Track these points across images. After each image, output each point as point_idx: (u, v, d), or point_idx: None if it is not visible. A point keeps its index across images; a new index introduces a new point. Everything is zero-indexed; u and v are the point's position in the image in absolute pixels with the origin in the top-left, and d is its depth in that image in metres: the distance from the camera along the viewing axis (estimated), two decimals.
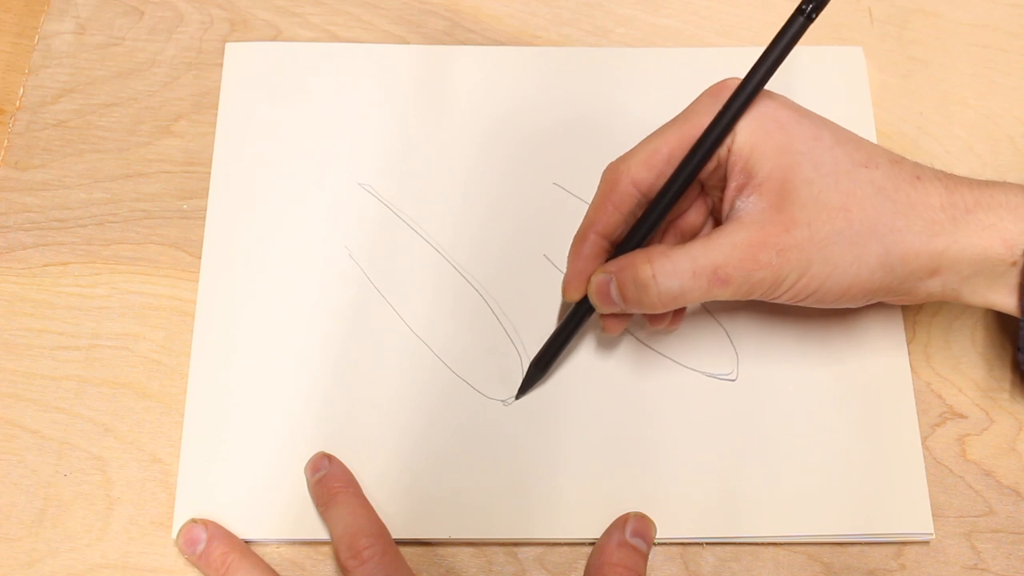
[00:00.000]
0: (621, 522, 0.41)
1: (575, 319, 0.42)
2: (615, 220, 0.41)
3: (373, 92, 0.49)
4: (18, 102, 0.49)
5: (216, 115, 0.48)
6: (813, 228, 0.37)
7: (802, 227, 0.37)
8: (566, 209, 0.46)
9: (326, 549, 0.41)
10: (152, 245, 0.46)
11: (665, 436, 0.42)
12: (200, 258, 0.45)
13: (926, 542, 0.41)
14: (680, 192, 0.39)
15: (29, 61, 0.49)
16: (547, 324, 0.44)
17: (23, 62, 0.50)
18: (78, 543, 0.41)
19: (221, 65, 0.49)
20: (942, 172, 0.39)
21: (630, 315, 0.42)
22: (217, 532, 0.40)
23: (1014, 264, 0.38)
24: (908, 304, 0.43)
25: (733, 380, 0.44)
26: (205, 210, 0.46)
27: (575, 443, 0.42)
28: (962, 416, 0.44)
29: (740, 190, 0.39)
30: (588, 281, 0.41)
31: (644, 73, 0.49)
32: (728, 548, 0.41)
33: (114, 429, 0.42)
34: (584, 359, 0.44)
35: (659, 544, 0.41)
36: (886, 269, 0.38)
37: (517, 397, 0.43)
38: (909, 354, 0.44)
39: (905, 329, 0.44)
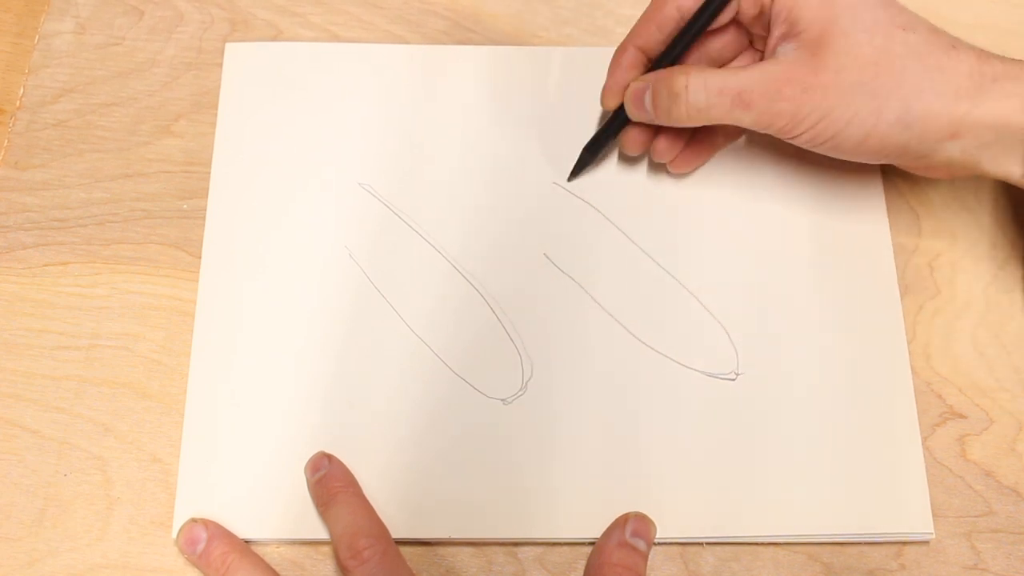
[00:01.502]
0: (621, 522, 0.41)
1: (611, 128, 0.45)
2: (656, 38, 0.43)
3: (373, 92, 0.49)
4: (18, 102, 0.49)
5: (216, 115, 0.48)
6: (840, 75, 0.39)
7: (830, 72, 0.39)
8: (566, 209, 0.46)
9: (326, 549, 0.41)
10: (152, 245, 0.46)
11: (665, 436, 0.42)
12: (200, 258, 0.45)
13: (926, 542, 0.41)
14: (713, 13, 0.42)
15: (29, 61, 0.49)
16: (547, 324, 0.44)
17: (23, 62, 0.50)
18: (78, 543, 0.41)
19: (221, 65, 0.49)
20: (978, 47, 0.40)
21: (651, 134, 0.45)
22: (217, 532, 0.40)
23: None
24: (928, 176, 0.44)
25: (733, 380, 0.44)
26: (205, 210, 0.46)
27: (575, 443, 0.42)
28: (962, 416, 0.44)
29: (783, 38, 0.41)
30: (625, 90, 0.44)
31: None
32: (728, 548, 0.41)
33: (114, 429, 0.42)
34: (584, 359, 0.44)
35: (659, 544, 0.41)
36: (904, 125, 0.39)
37: (569, 179, 0.47)
38: (909, 354, 0.44)
39: (905, 329, 0.44)
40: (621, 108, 0.44)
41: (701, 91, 0.40)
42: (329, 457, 0.41)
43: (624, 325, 0.44)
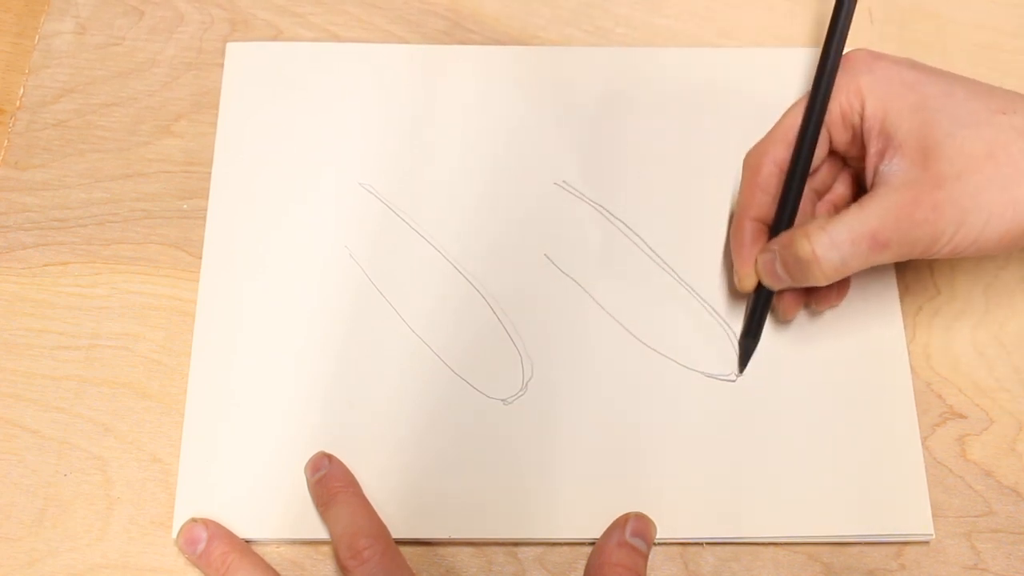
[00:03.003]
0: (621, 522, 0.41)
1: (760, 303, 0.43)
2: (765, 202, 0.42)
3: (373, 92, 0.49)
4: (18, 102, 0.49)
5: (216, 115, 0.48)
6: (963, 179, 0.37)
7: (952, 180, 0.37)
8: (567, 209, 0.46)
9: (326, 549, 0.41)
10: (152, 245, 0.46)
11: (665, 436, 0.42)
12: (200, 258, 0.45)
13: (926, 542, 0.41)
14: (809, 152, 0.41)
15: (29, 61, 0.49)
16: (547, 324, 0.44)
17: (23, 62, 0.50)
18: (78, 543, 0.41)
19: (221, 65, 0.49)
20: None
21: (803, 295, 0.43)
22: (217, 532, 0.40)
23: None
24: None
25: (733, 380, 0.44)
26: (205, 210, 0.46)
27: (575, 443, 0.42)
28: (962, 416, 0.44)
29: (881, 155, 0.40)
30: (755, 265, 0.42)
31: (644, 73, 0.49)
32: (728, 548, 0.41)
33: (114, 429, 0.42)
34: (585, 359, 0.44)
35: (659, 544, 0.41)
36: None
37: (740, 372, 0.43)
38: (909, 354, 0.44)
39: (905, 329, 0.44)
40: (759, 288, 0.43)
41: (831, 249, 0.38)
42: (329, 457, 0.41)
43: (624, 325, 0.44)
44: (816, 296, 0.43)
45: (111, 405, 0.43)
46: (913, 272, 0.46)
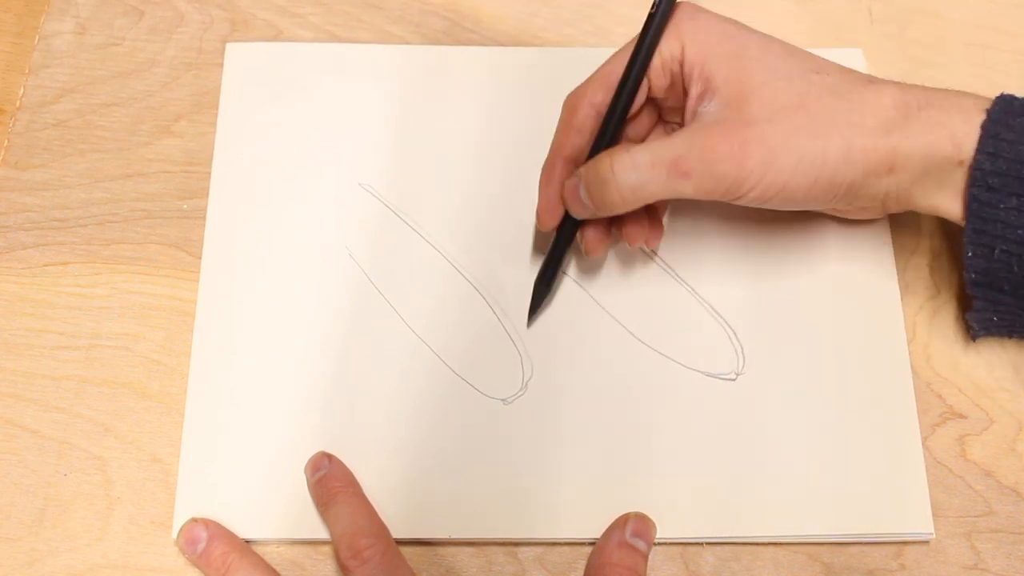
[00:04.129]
0: (621, 522, 0.41)
1: (562, 239, 0.43)
2: (579, 143, 0.42)
3: (373, 92, 0.49)
4: (18, 102, 0.49)
5: (216, 115, 0.48)
6: (774, 123, 0.38)
7: (763, 122, 0.38)
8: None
9: (326, 549, 0.41)
10: (152, 245, 0.46)
11: (665, 436, 0.42)
12: (200, 258, 0.45)
13: (926, 542, 0.41)
14: (630, 94, 0.41)
15: (29, 61, 0.49)
16: (547, 324, 0.44)
17: (23, 62, 0.50)
18: (78, 543, 0.41)
19: (221, 65, 0.49)
20: (894, 80, 0.40)
21: (607, 231, 0.42)
22: (217, 532, 0.40)
23: (960, 164, 0.38)
24: (865, 216, 0.44)
25: (733, 380, 0.44)
26: (205, 210, 0.46)
27: (575, 443, 0.42)
28: (962, 416, 0.44)
29: (700, 99, 0.40)
30: (560, 207, 0.42)
31: None
32: (728, 548, 0.41)
33: (114, 429, 0.42)
34: (584, 359, 0.44)
35: (659, 544, 0.41)
36: (848, 162, 0.38)
37: (529, 323, 0.44)
38: (909, 354, 0.44)
39: (905, 329, 0.44)
40: (562, 225, 0.42)
41: (630, 170, 0.38)
42: (329, 457, 0.41)
43: (624, 325, 0.44)
44: (627, 233, 0.42)
45: (111, 405, 0.43)
46: (913, 272, 0.46)
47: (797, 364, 0.44)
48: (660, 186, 0.38)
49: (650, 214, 0.43)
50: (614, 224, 0.43)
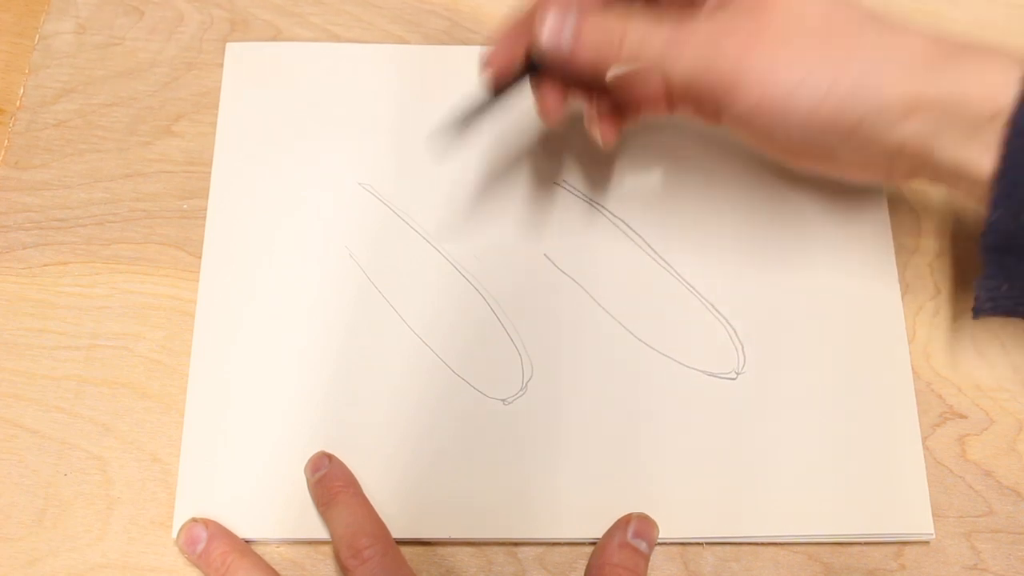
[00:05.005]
0: (623, 522, 0.41)
1: (505, 82, 0.39)
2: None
3: (373, 92, 0.49)
4: (18, 102, 0.49)
5: (216, 115, 0.48)
6: (787, 35, 0.35)
7: (776, 31, 0.35)
8: (566, 209, 0.46)
9: (326, 549, 0.41)
10: (152, 245, 0.46)
11: (665, 436, 0.42)
12: (200, 258, 0.45)
13: (926, 542, 0.41)
14: None
15: (29, 61, 0.49)
16: (547, 324, 0.44)
17: (23, 62, 0.50)
18: (78, 543, 0.41)
19: (221, 65, 0.49)
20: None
21: (563, 95, 0.39)
22: (217, 531, 0.40)
23: (993, 117, 0.34)
24: (873, 170, 0.39)
25: (734, 379, 0.44)
26: (205, 210, 0.46)
27: (575, 443, 0.42)
28: (962, 416, 0.44)
29: (718, 6, 0.37)
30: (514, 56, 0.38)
31: None
32: (728, 548, 0.41)
33: (114, 429, 0.42)
34: (584, 359, 0.44)
35: (659, 544, 0.41)
36: (858, 98, 0.35)
37: (459, 125, 0.40)
38: (909, 354, 0.44)
39: (905, 329, 0.44)
40: (510, 75, 0.39)
41: (637, 31, 0.35)
42: (329, 457, 0.41)
43: (624, 325, 0.44)
44: (581, 95, 0.40)
45: (111, 405, 0.43)
46: (913, 272, 0.46)
47: (797, 364, 0.44)
48: (654, 51, 0.36)
49: (616, 111, 0.41)
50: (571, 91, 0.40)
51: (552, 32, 0.37)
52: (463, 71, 0.49)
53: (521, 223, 0.46)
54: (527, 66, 0.38)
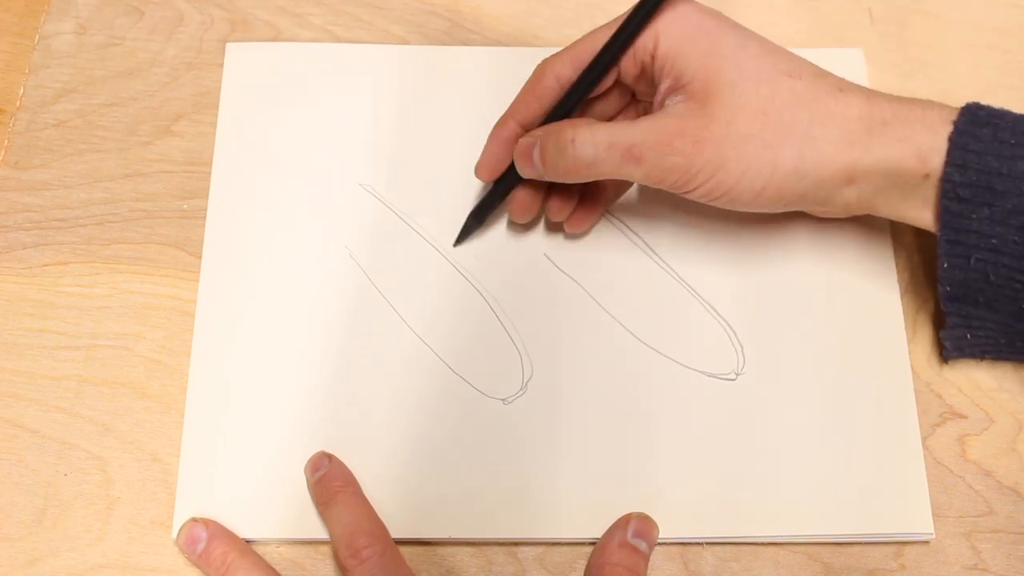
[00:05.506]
0: (623, 522, 0.41)
1: (499, 191, 0.44)
2: (535, 110, 0.43)
3: (373, 92, 0.49)
4: (18, 102, 0.49)
5: (216, 115, 0.48)
6: (731, 127, 0.38)
7: (721, 124, 0.38)
8: None
9: (326, 548, 0.41)
10: (152, 245, 0.46)
11: (665, 436, 0.42)
12: (200, 258, 0.45)
13: (926, 542, 0.41)
14: (593, 81, 0.41)
15: (29, 61, 0.49)
16: (547, 323, 0.44)
17: (23, 62, 0.50)
18: (78, 543, 0.41)
19: (221, 65, 0.49)
20: (866, 88, 0.40)
21: (539, 199, 0.44)
22: (217, 531, 0.40)
23: (926, 177, 0.38)
24: (830, 216, 0.44)
25: (733, 380, 0.44)
26: (205, 210, 0.46)
27: (575, 443, 0.42)
28: (962, 416, 0.44)
29: (669, 91, 0.40)
30: (501, 165, 0.43)
31: None
32: (728, 548, 0.41)
33: (114, 429, 0.42)
34: (584, 358, 0.44)
35: (659, 544, 0.41)
36: (799, 175, 0.38)
37: (454, 244, 0.46)
38: (909, 354, 0.44)
39: (905, 329, 0.44)
40: (502, 177, 0.44)
41: (589, 145, 0.39)
42: (329, 457, 0.41)
43: (624, 325, 0.44)
44: (552, 205, 0.44)
45: (111, 405, 0.43)
46: (913, 272, 0.46)
47: (797, 364, 0.44)
48: (612, 166, 0.39)
49: (588, 199, 0.45)
50: (547, 193, 0.44)
51: (524, 158, 0.42)
52: (463, 72, 0.49)
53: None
54: (512, 175, 0.43)
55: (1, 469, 0.42)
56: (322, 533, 0.41)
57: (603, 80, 0.42)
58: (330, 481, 0.41)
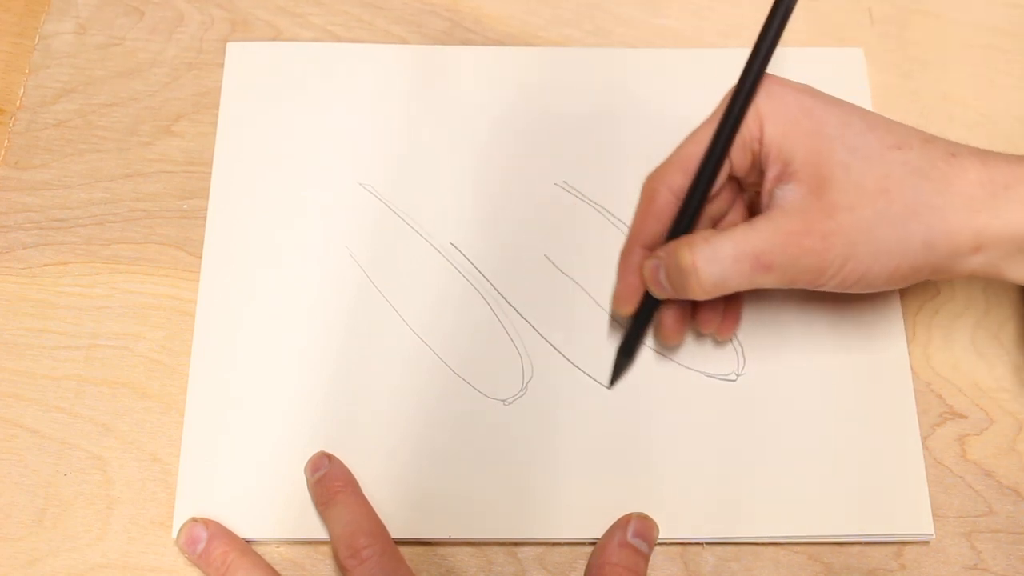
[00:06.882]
0: (623, 522, 0.41)
1: (642, 316, 0.42)
2: (657, 230, 0.41)
3: (373, 92, 0.49)
4: (18, 102, 0.49)
5: (216, 115, 0.48)
6: (856, 212, 0.37)
7: (844, 211, 0.37)
8: (567, 209, 0.46)
9: (326, 548, 0.41)
10: (152, 245, 0.46)
11: (665, 436, 0.42)
12: (200, 258, 0.45)
13: (926, 542, 0.41)
14: (709, 180, 0.40)
15: (29, 61, 0.49)
16: (547, 323, 0.44)
17: (23, 62, 0.50)
18: (78, 543, 0.41)
19: (221, 65, 0.49)
20: (977, 148, 0.39)
21: (686, 317, 0.42)
22: (218, 531, 0.40)
23: None
24: (950, 279, 0.43)
25: (733, 380, 0.44)
26: (205, 210, 0.46)
27: (575, 443, 0.42)
28: (962, 416, 0.44)
29: (778, 180, 0.39)
30: (637, 293, 0.42)
31: (644, 73, 0.49)
32: (728, 548, 0.41)
33: (114, 429, 0.42)
34: (584, 358, 0.44)
35: (659, 544, 0.41)
36: (929, 248, 0.37)
37: (609, 385, 0.43)
38: (909, 354, 0.44)
39: (905, 329, 0.44)
40: (641, 308, 0.42)
41: (712, 263, 0.37)
42: (329, 457, 0.41)
43: (624, 325, 0.44)
44: (700, 319, 0.43)
45: (111, 405, 0.43)
46: None
47: (797, 364, 0.44)
48: (743, 279, 0.38)
49: (728, 303, 0.43)
50: (693, 306, 0.43)
51: (654, 283, 0.40)
52: (463, 72, 0.49)
53: (521, 223, 0.46)
54: (651, 299, 0.42)
55: (1, 469, 0.42)
56: (322, 533, 0.41)
57: (716, 178, 0.40)
58: (330, 481, 0.41)
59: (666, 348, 0.44)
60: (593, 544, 0.41)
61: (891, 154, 0.38)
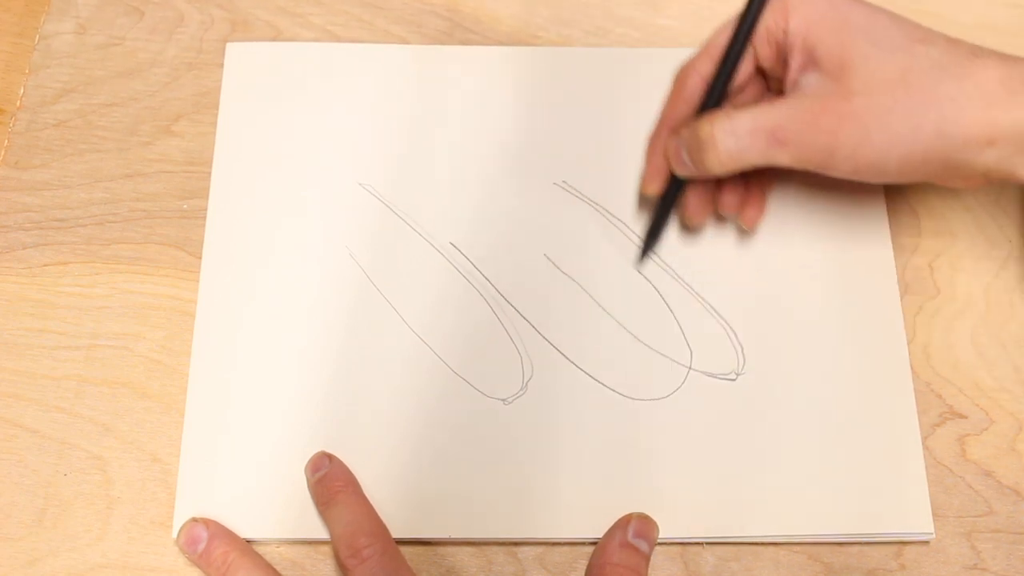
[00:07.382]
0: (624, 522, 0.41)
1: (667, 201, 0.44)
2: (685, 112, 0.43)
3: (373, 92, 0.49)
4: (18, 102, 0.49)
5: (216, 115, 0.48)
6: (873, 98, 0.38)
7: (862, 96, 0.38)
8: (567, 209, 0.47)
9: (326, 548, 0.41)
10: (152, 245, 0.46)
11: (665, 436, 0.42)
12: (200, 258, 0.45)
13: (926, 542, 0.41)
14: (735, 62, 0.41)
15: (29, 61, 0.49)
16: (547, 323, 0.44)
17: (23, 62, 0.50)
18: (78, 543, 0.41)
19: (221, 65, 0.49)
20: (1001, 52, 0.39)
21: (710, 200, 0.44)
22: (218, 531, 0.40)
23: None
24: (963, 187, 0.43)
25: (733, 380, 0.44)
26: (205, 210, 0.46)
27: (575, 443, 0.42)
28: (962, 416, 0.44)
29: (802, 69, 0.40)
30: (662, 174, 0.43)
31: (644, 73, 0.49)
32: (728, 548, 0.41)
33: (114, 429, 0.42)
34: (584, 357, 0.44)
35: (659, 544, 0.41)
36: (943, 138, 0.38)
37: (641, 260, 0.45)
38: (909, 354, 0.44)
39: (905, 329, 0.44)
40: (666, 191, 0.44)
41: (730, 135, 0.39)
42: (330, 457, 0.41)
43: (624, 325, 0.44)
44: (722, 201, 0.44)
45: (111, 405, 0.43)
46: (913, 272, 0.46)
47: (797, 364, 0.44)
48: (758, 153, 0.39)
49: (752, 188, 0.44)
50: (717, 191, 0.44)
51: (676, 160, 0.42)
52: (463, 72, 0.49)
53: (521, 223, 0.46)
54: (675, 181, 0.43)
55: (1, 469, 0.42)
56: (322, 533, 0.41)
57: (741, 63, 0.41)
58: (331, 481, 0.41)
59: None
60: (593, 544, 0.41)
61: (915, 47, 0.39)
